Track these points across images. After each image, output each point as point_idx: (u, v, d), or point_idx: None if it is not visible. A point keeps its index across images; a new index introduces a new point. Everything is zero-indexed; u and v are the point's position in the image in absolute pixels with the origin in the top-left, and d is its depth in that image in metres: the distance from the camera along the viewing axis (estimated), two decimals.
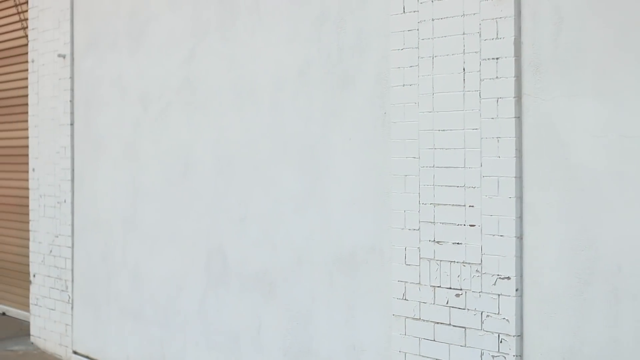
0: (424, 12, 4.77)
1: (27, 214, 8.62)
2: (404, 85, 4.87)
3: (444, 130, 4.67)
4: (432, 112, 4.72)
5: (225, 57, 6.17)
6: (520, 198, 4.37)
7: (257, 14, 5.91)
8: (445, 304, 4.67)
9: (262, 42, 5.88)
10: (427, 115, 4.74)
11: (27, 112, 8.59)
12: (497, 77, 4.43)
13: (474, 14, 4.52)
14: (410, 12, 4.85)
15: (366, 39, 5.17)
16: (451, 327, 4.64)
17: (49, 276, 8.08)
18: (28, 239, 8.57)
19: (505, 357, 4.40)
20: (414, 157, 4.81)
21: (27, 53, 8.62)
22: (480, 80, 4.49)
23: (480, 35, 4.50)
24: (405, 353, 4.87)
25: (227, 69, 6.15)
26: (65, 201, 7.83)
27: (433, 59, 4.72)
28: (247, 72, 5.99)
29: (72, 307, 7.78)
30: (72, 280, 7.77)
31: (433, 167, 4.72)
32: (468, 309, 4.56)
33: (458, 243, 4.60)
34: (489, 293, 4.47)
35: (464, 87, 4.56)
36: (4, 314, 9.76)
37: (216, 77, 6.25)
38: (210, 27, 6.31)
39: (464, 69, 4.57)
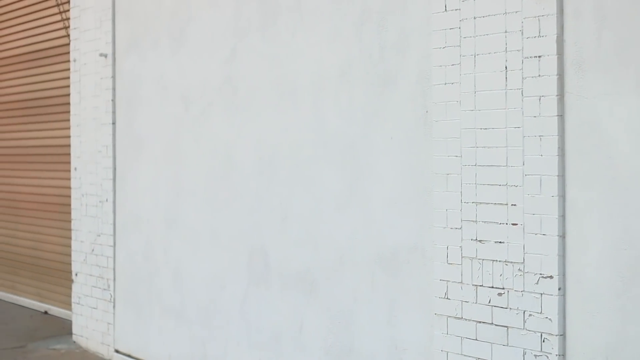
0: (465, 10, 4.84)
1: (69, 213, 8.82)
2: (445, 83, 4.94)
3: (486, 128, 4.73)
4: (474, 111, 4.79)
5: (267, 56, 6.28)
6: (562, 196, 4.42)
7: (298, 13, 6.01)
8: (487, 303, 4.73)
9: (303, 42, 5.97)
10: (469, 114, 4.81)
11: (69, 112, 8.78)
12: (539, 76, 4.48)
13: (516, 12, 4.59)
14: (451, 10, 4.92)
15: (407, 37, 5.26)
16: (493, 326, 4.70)
17: (91, 275, 8.25)
18: (70, 238, 8.76)
19: (547, 357, 4.46)
20: (456, 156, 4.89)
21: (69, 52, 8.81)
22: (523, 78, 4.55)
23: (522, 33, 4.56)
24: (447, 352, 4.94)
25: (268, 69, 6.26)
26: (107, 200, 8.00)
27: (475, 57, 4.79)
28: (288, 72, 6.09)
29: (113, 306, 7.94)
30: (114, 279, 7.93)
31: (475, 165, 4.79)
32: (510, 308, 4.62)
33: (500, 242, 4.66)
34: (531, 292, 4.53)
35: (506, 85, 4.63)
36: (46, 312, 9.98)
37: (257, 77, 6.36)
38: (251, 26, 6.42)
39: (506, 67, 4.63)
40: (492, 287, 4.71)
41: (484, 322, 4.76)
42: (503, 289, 4.66)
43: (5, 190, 10.88)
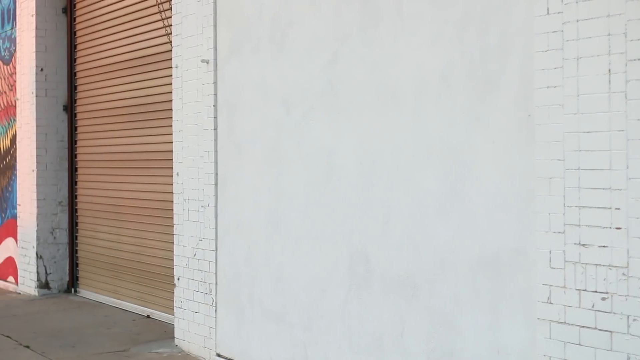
0: (568, 13, 4.97)
1: (171, 218, 9.14)
2: (548, 87, 5.08)
3: (589, 132, 4.86)
4: (577, 114, 4.92)
5: (368, 60, 6.50)
6: None
7: (399, 17, 6.22)
8: (590, 307, 4.86)
9: (405, 46, 6.18)
10: (572, 117, 4.95)
11: (171, 117, 9.12)
12: None
13: (620, 14, 4.70)
14: (554, 13, 5.06)
15: (509, 40, 5.42)
16: (597, 331, 4.83)
17: (193, 279, 8.58)
18: (172, 243, 9.08)
19: None
20: (559, 160, 5.02)
21: (171, 59, 9.15)
22: (627, 81, 4.67)
23: (626, 35, 4.68)
24: (550, 357, 5.09)
25: (370, 73, 6.48)
26: (209, 205, 8.32)
27: (578, 60, 4.92)
28: (389, 76, 6.31)
29: (215, 310, 8.25)
30: (216, 283, 8.24)
31: (578, 169, 4.92)
32: (614, 313, 4.74)
33: (604, 246, 4.79)
34: (635, 297, 4.64)
35: (610, 88, 4.75)
36: (148, 316, 10.36)
37: (358, 81, 6.59)
38: (352, 30, 6.65)
39: (609, 70, 4.76)
40: (596, 291, 4.83)
41: (587, 327, 4.88)
42: (607, 293, 4.78)
43: (110, 195, 11.33)
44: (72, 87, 12.25)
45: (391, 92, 6.31)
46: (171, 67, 9.10)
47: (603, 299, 4.81)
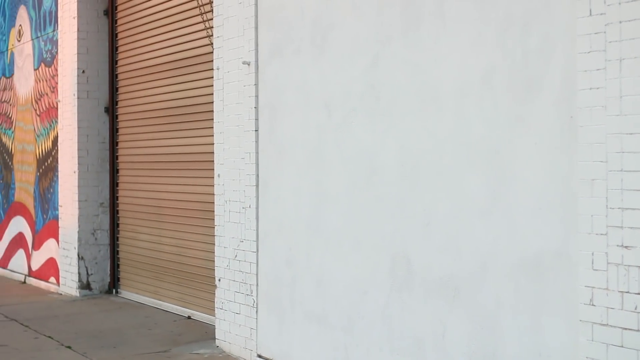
0: (611, 15, 5.02)
1: (212, 219, 9.27)
2: (590, 88, 5.13)
3: (632, 133, 4.91)
4: (620, 116, 4.96)
5: (409, 62, 6.58)
6: None
7: (441, 20, 6.28)
8: (633, 309, 4.90)
9: (446, 48, 6.25)
10: (615, 119, 4.99)
11: (212, 119, 9.25)
12: None
13: None
14: (597, 14, 5.10)
15: (551, 42, 5.47)
16: None
17: (234, 280, 8.69)
18: (213, 244, 9.21)
19: None
20: (602, 161, 5.07)
21: (212, 61, 9.28)
22: None
23: None
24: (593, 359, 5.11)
25: (411, 75, 6.55)
26: (250, 206, 8.42)
27: (621, 61, 4.96)
28: (431, 78, 6.38)
29: (256, 311, 8.35)
30: (257, 285, 8.34)
31: (621, 170, 4.96)
32: None
33: None
34: None
35: None
36: (189, 317, 10.50)
37: (400, 83, 6.66)
38: (394, 33, 6.73)
39: None
40: (639, 293, 4.87)
41: (630, 329, 4.92)
42: None
43: (151, 196, 11.49)
44: (113, 89, 12.44)
45: (433, 94, 6.38)
46: (212, 69, 9.23)
47: None
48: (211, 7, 9.38)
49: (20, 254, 14.39)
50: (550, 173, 5.48)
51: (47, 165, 13.45)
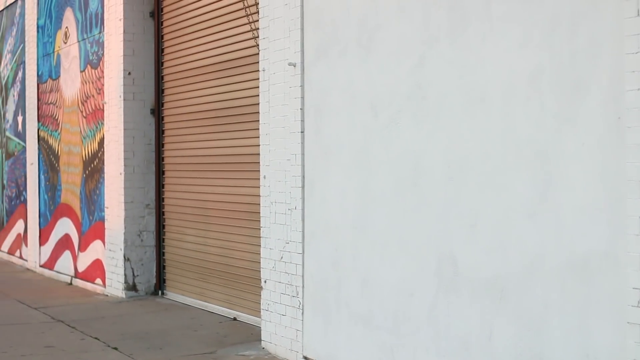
0: None
1: (258, 221, 9.40)
2: (638, 89, 5.17)
3: None
4: None
5: (456, 63, 6.65)
6: None
7: (487, 20, 6.35)
8: None
9: (493, 48, 6.31)
10: None
11: (257, 120, 9.37)
12: None
13: None
14: None
15: (599, 43, 5.52)
16: None
17: (279, 282, 8.80)
18: (259, 246, 9.34)
19: None
20: None
21: (257, 62, 9.41)
22: None
23: None
24: None
25: (457, 76, 6.62)
26: (295, 208, 8.53)
27: None
28: (477, 79, 6.44)
29: (302, 313, 8.46)
30: (303, 286, 8.45)
31: None
32: None
33: None
34: None
35: None
36: (235, 319, 10.63)
37: (446, 84, 6.73)
38: (440, 33, 6.80)
39: None
40: None
41: None
42: None
43: (196, 198, 11.64)
44: (159, 91, 12.61)
45: (479, 94, 6.44)
46: (258, 71, 9.35)
47: None
48: (257, 8, 9.51)
49: (67, 255, 14.62)
50: (598, 174, 5.53)
51: (93, 166, 13.66)
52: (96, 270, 13.47)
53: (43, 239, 15.74)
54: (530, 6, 6.04)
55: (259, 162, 9.32)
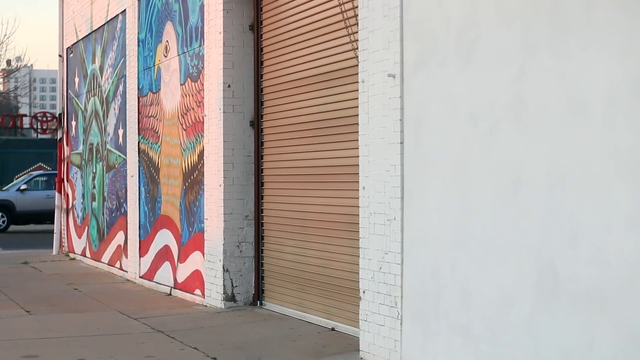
0: None
1: (357, 232, 9.59)
2: None
3: None
4: None
5: (556, 72, 6.77)
6: None
7: (588, 29, 6.46)
8: None
9: (593, 57, 6.42)
10: None
11: (356, 132, 9.57)
12: None
13: None
14: None
15: None
16: None
17: (378, 292, 8.98)
18: (357, 256, 9.53)
19: None
20: None
21: (356, 73, 9.62)
22: None
23: None
24: None
25: (558, 85, 6.74)
26: (394, 218, 8.71)
27: None
28: (578, 88, 6.55)
29: (401, 323, 8.62)
30: (402, 297, 8.61)
31: None
32: None
33: None
34: None
35: None
36: (333, 329, 10.80)
37: (546, 93, 6.86)
38: (540, 43, 6.93)
39: None
40: None
41: None
42: None
43: (296, 209, 11.88)
44: (258, 103, 12.89)
45: (580, 104, 6.54)
46: (357, 82, 9.57)
47: None
48: (356, 20, 9.72)
49: (166, 266, 15.00)
50: None
51: (193, 178, 14.01)
52: (195, 281, 13.80)
53: (143, 250, 16.16)
54: (633, 14, 6.12)
55: (357, 173, 9.52)
